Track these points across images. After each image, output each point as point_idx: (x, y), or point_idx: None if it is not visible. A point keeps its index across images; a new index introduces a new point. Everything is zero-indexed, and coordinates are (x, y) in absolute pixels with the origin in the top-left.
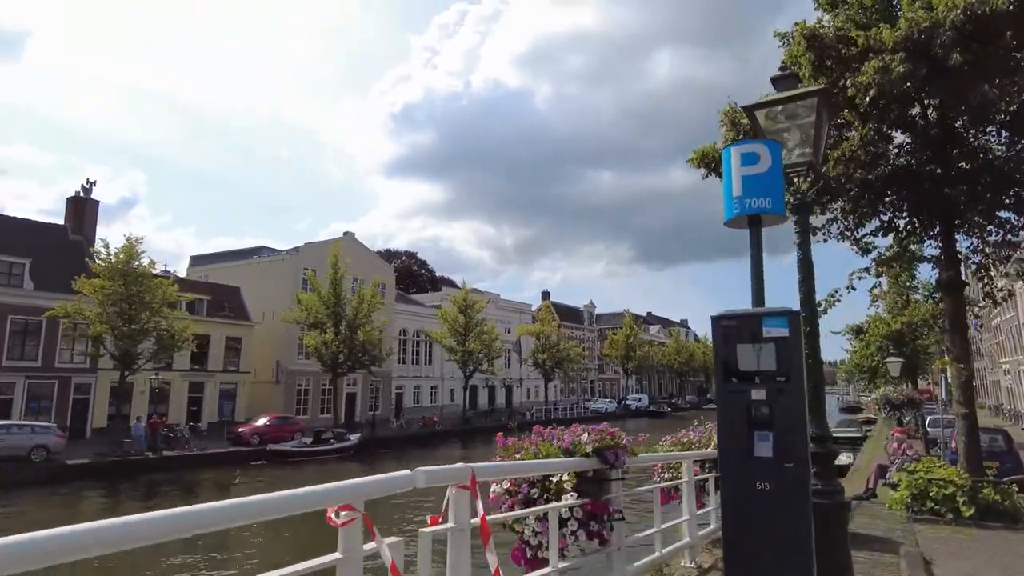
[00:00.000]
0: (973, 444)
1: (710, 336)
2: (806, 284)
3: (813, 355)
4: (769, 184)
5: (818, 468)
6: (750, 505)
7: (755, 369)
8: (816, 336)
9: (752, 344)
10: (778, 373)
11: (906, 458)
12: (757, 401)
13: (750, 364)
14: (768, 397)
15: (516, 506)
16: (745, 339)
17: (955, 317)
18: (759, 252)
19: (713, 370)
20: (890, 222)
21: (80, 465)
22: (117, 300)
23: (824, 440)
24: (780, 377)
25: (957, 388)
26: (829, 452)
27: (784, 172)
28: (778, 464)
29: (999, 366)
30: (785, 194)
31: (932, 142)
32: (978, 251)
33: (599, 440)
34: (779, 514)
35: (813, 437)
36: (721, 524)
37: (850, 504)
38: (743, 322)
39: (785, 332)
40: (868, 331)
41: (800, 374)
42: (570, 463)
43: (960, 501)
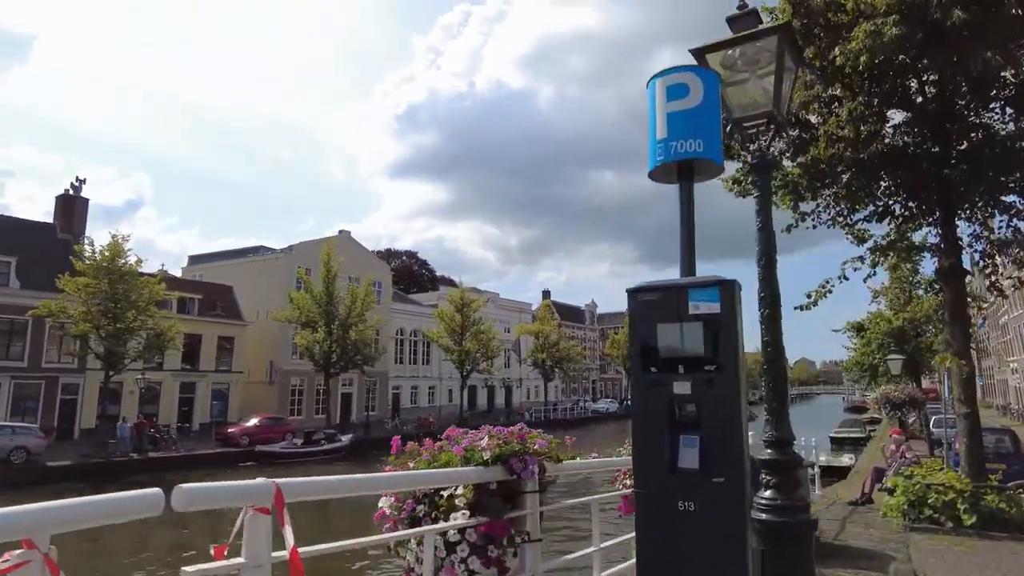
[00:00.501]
0: (975, 446)
1: None
2: (766, 258)
3: (774, 343)
4: (701, 123)
5: (779, 479)
6: (671, 531)
7: (679, 355)
8: (777, 319)
9: (677, 323)
10: (707, 359)
11: (904, 461)
12: (681, 396)
13: (673, 348)
14: (694, 390)
15: (400, 526)
16: (669, 317)
17: (955, 308)
18: (689, 210)
19: None
20: (885, 207)
21: (61, 467)
22: (102, 298)
23: (784, 445)
24: (709, 365)
25: (958, 385)
26: (791, 459)
27: (741, 126)
28: (706, 478)
29: (1007, 365)
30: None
31: (929, 119)
32: (981, 238)
33: (502, 444)
34: (707, 542)
35: (771, 441)
36: (636, 555)
37: (815, 523)
38: (665, 295)
39: (716, 307)
40: (869, 328)
41: (736, 360)
42: (464, 474)
43: (961, 508)
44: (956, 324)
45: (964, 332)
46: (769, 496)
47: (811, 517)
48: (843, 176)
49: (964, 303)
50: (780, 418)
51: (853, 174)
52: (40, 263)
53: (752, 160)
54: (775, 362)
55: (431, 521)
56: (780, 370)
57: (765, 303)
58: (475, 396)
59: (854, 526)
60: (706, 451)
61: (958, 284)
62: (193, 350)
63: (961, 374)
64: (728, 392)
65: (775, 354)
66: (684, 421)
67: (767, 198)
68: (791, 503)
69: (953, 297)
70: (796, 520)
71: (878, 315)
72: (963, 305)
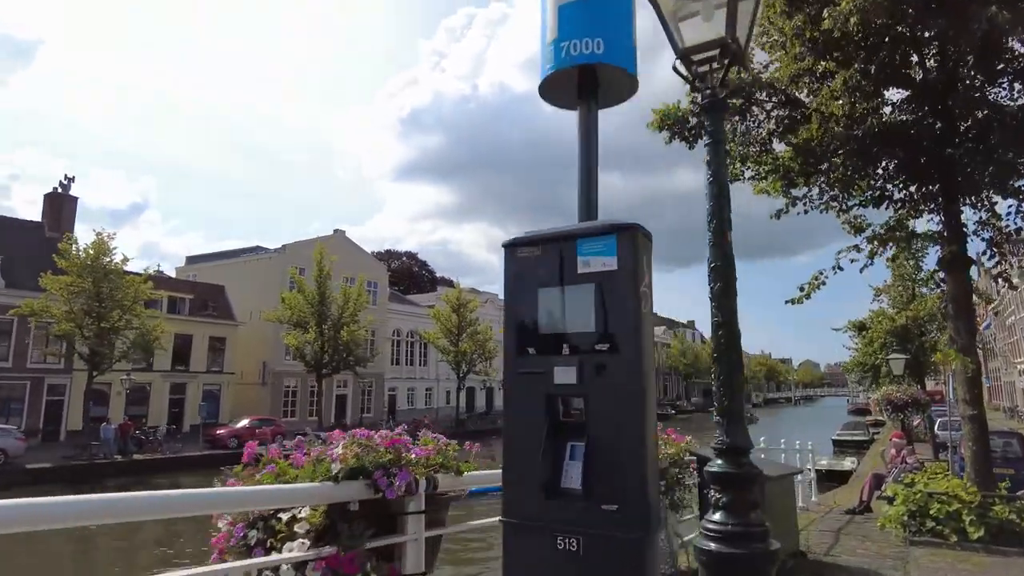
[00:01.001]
0: (982, 452)
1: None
2: (717, 219)
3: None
4: (603, 16)
5: (731, 498)
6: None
7: (563, 330)
8: (731, 296)
9: (561, 287)
10: (599, 335)
11: (905, 467)
12: (564, 387)
13: (555, 321)
14: (581, 379)
15: (228, 557)
16: (551, 278)
17: (959, 301)
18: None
19: None
20: (883, 192)
21: (39, 469)
22: (86, 297)
23: (738, 454)
24: (602, 343)
25: (962, 385)
26: (747, 473)
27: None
28: (593, 504)
29: (1014, 366)
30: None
31: (931, 94)
32: (987, 225)
33: (360, 454)
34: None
35: (722, 449)
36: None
37: (775, 554)
38: (549, 249)
39: (612, 262)
40: (871, 327)
41: (638, 336)
42: (301, 492)
43: (967, 520)
44: (960, 318)
45: (969, 327)
46: (718, 520)
47: (770, 547)
48: (837, 157)
49: (969, 295)
50: (733, 420)
51: (847, 155)
52: (27, 262)
53: (703, 100)
54: (728, 350)
55: (264, 551)
56: (733, 360)
57: (717, 275)
58: (473, 398)
59: (849, 539)
60: (593, 466)
61: (962, 274)
62: (184, 351)
63: (966, 372)
64: (627, 380)
65: (728, 340)
66: (570, 423)
67: (720, 144)
68: (745, 528)
69: (957, 289)
70: (751, 551)
71: (880, 313)
72: (968, 297)
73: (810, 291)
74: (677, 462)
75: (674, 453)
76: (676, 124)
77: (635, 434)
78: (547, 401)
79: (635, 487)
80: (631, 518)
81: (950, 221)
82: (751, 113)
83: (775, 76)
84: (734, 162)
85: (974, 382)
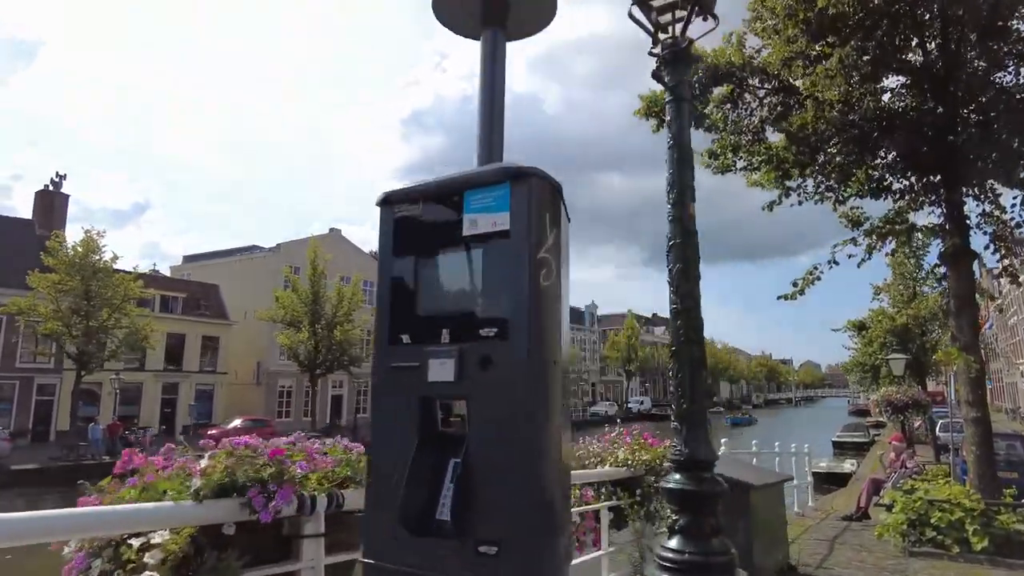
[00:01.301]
0: (986, 456)
1: (714, 336)
2: (678, 186)
3: (686, 313)
4: None
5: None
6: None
7: (443, 311)
8: (692, 279)
9: (443, 255)
10: (484, 318)
11: (904, 472)
12: (441, 387)
13: (436, 299)
14: (460, 375)
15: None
16: (434, 245)
17: (962, 296)
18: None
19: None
20: (880, 181)
21: (25, 470)
22: (74, 296)
23: (700, 469)
24: (489, 327)
25: (965, 385)
26: (709, 490)
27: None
28: (465, 545)
29: (1016, 367)
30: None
31: (931, 77)
32: (991, 218)
33: (231, 466)
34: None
35: (679, 462)
36: None
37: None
38: (432, 205)
39: (504, 220)
40: (871, 327)
41: (535, 316)
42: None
43: (970, 530)
44: (963, 315)
45: (972, 324)
46: (675, 548)
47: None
48: (833, 146)
49: (972, 290)
50: (694, 427)
51: (844, 142)
52: (16, 259)
53: (663, 51)
54: (688, 343)
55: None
56: (695, 355)
57: (676, 254)
58: None
59: (844, 549)
60: (470, 493)
61: (965, 268)
62: (176, 350)
63: (969, 372)
64: (518, 376)
65: (688, 331)
66: (452, 435)
67: (683, 102)
68: (706, 558)
69: (959, 283)
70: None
71: (880, 312)
72: (971, 292)
73: (804, 286)
74: (653, 469)
75: (650, 459)
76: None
77: (527, 449)
78: (421, 405)
79: (525, 522)
80: (515, 564)
81: (952, 212)
82: (743, 100)
83: (767, 60)
84: (725, 152)
85: (977, 382)
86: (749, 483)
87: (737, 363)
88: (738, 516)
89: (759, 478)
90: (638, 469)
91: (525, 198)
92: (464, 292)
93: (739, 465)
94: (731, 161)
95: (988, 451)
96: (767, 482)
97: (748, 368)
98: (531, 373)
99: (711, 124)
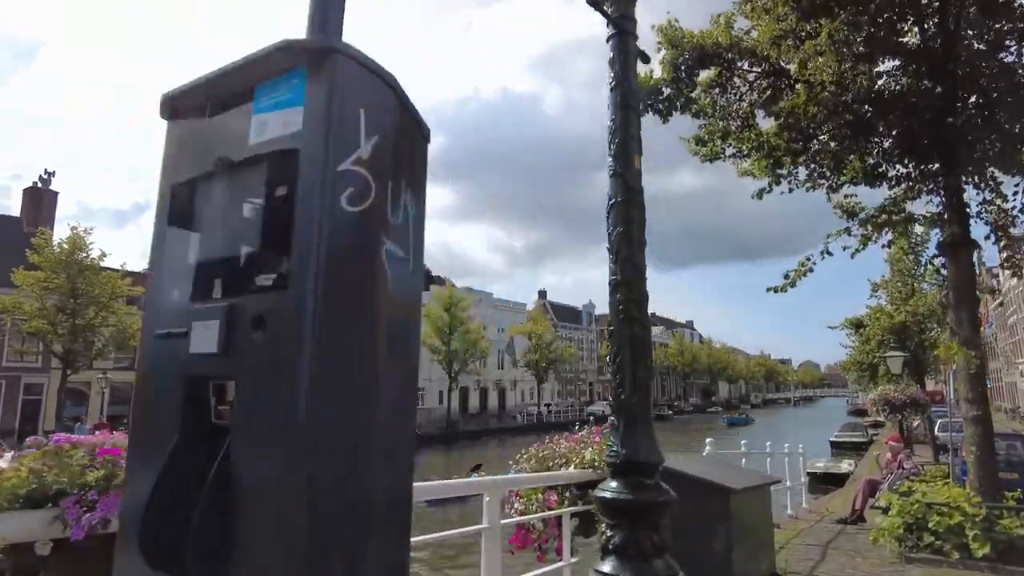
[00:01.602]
0: (987, 457)
1: (712, 336)
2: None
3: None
4: None
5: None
6: None
7: (216, 254)
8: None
9: (225, 174)
10: (261, 261)
11: (901, 473)
12: (205, 362)
13: (212, 239)
14: (227, 345)
15: None
16: (216, 162)
17: (961, 287)
18: None
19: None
20: (876, 167)
21: None
22: (60, 294)
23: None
24: (265, 274)
25: (966, 382)
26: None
27: None
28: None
29: (1015, 366)
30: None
31: (929, 57)
32: (991, 206)
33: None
34: None
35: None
36: None
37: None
38: (218, 105)
39: (297, 118)
40: (868, 325)
41: (330, 258)
42: None
43: (971, 535)
44: (963, 307)
45: (972, 316)
46: (609, 570)
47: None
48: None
49: (972, 281)
50: (633, 422)
51: (838, 127)
52: (2, 257)
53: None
54: (628, 321)
55: None
56: (637, 336)
57: (617, 215)
58: (467, 398)
59: (837, 554)
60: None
61: (965, 258)
62: None
63: (969, 368)
64: (301, 342)
65: (629, 307)
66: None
67: (626, 36)
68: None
69: (958, 274)
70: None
71: (878, 310)
72: (971, 284)
73: (796, 278)
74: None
75: (594, 459)
76: (649, 95)
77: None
78: (184, 388)
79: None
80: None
81: (951, 200)
82: (732, 85)
83: (756, 40)
84: (714, 138)
85: (977, 379)
86: (729, 487)
87: (735, 363)
88: (717, 522)
89: (742, 480)
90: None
91: (325, 88)
92: (243, 226)
93: (723, 467)
94: (720, 148)
95: (988, 451)
96: (750, 485)
97: (747, 368)
98: (321, 338)
99: (699, 109)
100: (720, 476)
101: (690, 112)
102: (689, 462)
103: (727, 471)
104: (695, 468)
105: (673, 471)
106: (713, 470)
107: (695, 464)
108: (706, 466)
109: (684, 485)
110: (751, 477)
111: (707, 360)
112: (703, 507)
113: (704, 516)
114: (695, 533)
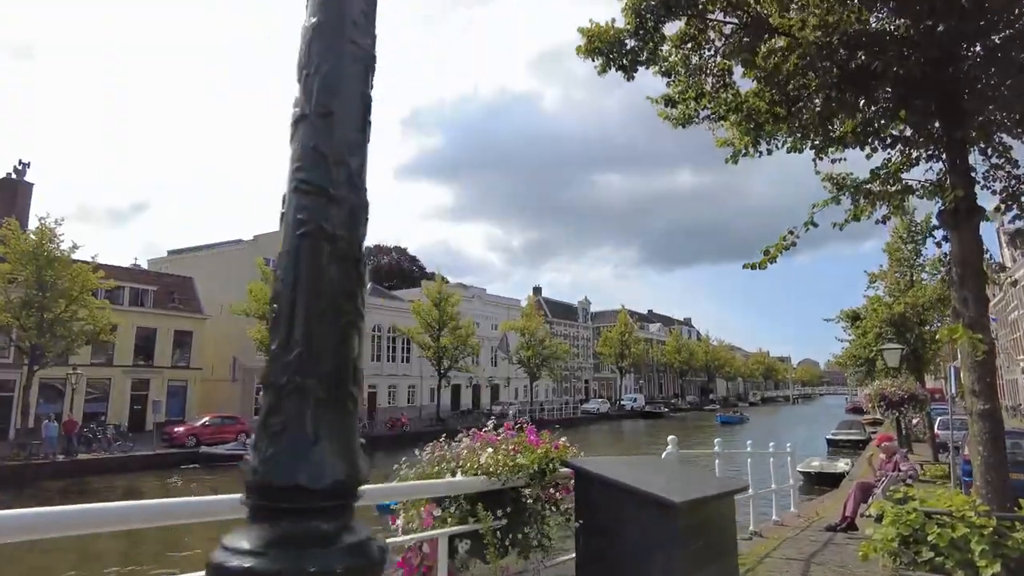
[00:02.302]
0: (996, 458)
1: (711, 333)
2: None
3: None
4: None
5: None
6: None
7: None
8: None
9: None
10: None
11: (896, 476)
12: None
13: None
14: None
15: None
16: None
17: (967, 262)
18: None
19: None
20: (868, 125)
21: None
22: (26, 286)
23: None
24: None
25: (970, 371)
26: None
27: None
28: None
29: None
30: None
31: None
32: (1000, 171)
33: None
34: None
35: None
36: None
37: None
38: None
39: None
40: (866, 317)
41: None
42: None
43: (977, 550)
44: (968, 285)
45: (979, 296)
46: None
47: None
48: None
49: (979, 255)
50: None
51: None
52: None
53: None
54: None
55: None
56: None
57: None
58: (459, 396)
59: (822, 570)
60: None
61: (969, 229)
62: (147, 345)
63: (975, 354)
64: None
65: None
66: None
67: None
68: None
69: (963, 247)
70: None
71: (875, 300)
72: (978, 257)
73: (776, 253)
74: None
75: (529, 463)
76: (611, 47)
77: None
78: None
79: None
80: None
81: (953, 160)
82: (706, 38)
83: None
84: (686, 100)
85: (984, 367)
86: (671, 500)
87: (734, 360)
88: (655, 547)
89: (695, 490)
90: (508, 478)
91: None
92: None
93: (677, 473)
94: (693, 111)
95: (998, 451)
96: (704, 495)
97: (745, 365)
98: None
99: (669, 68)
100: (664, 486)
101: (659, 69)
102: (635, 467)
103: (680, 478)
104: (637, 475)
105: (602, 479)
106: (659, 478)
107: (641, 470)
108: (653, 473)
109: (617, 498)
110: (709, 485)
111: (705, 357)
112: (641, 527)
113: (644, 537)
114: (631, 558)
